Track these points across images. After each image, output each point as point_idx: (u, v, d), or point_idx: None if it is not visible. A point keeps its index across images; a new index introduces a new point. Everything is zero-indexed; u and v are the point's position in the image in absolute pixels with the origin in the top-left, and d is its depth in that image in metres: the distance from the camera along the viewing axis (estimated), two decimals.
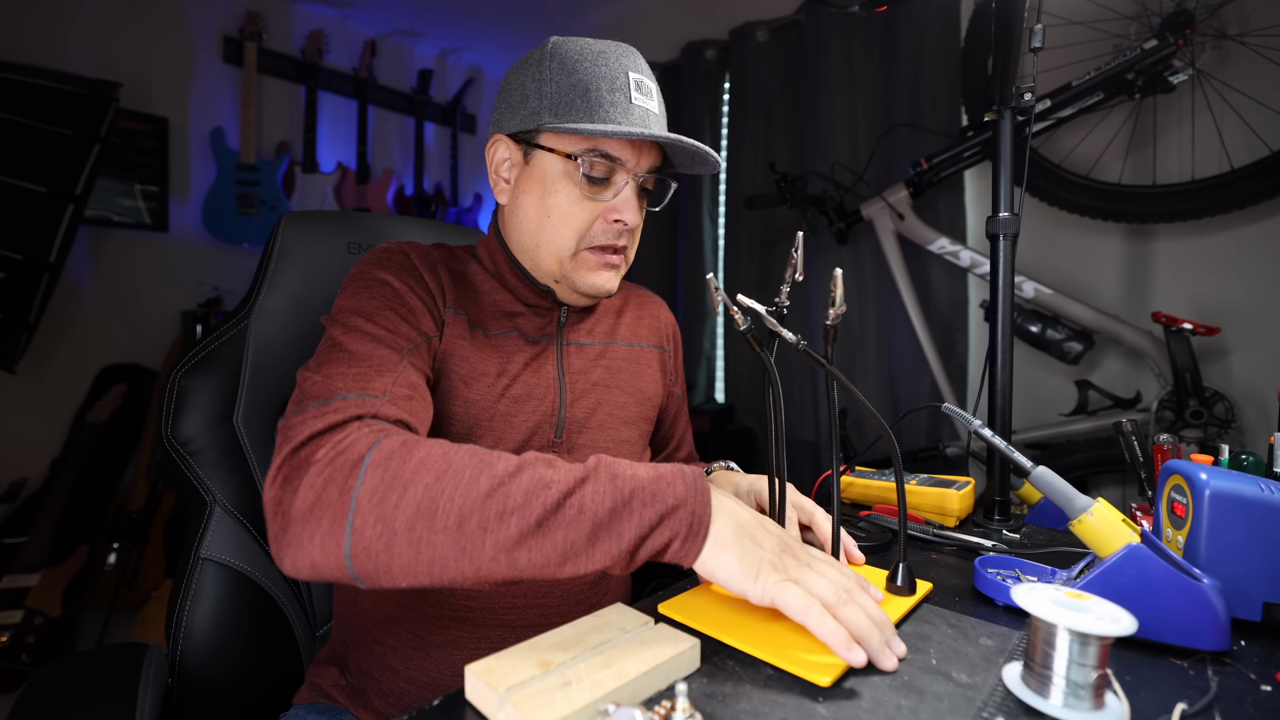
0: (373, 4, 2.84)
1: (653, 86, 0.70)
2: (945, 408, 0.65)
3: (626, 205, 0.68)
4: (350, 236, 0.90)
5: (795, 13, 2.25)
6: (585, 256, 0.70)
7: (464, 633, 0.67)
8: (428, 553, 0.43)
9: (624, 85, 0.66)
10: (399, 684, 0.68)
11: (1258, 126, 1.47)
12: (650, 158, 0.69)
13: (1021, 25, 0.82)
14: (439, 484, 0.44)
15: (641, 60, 0.70)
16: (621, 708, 0.36)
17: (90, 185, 1.95)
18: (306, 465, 0.47)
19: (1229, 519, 0.52)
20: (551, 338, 0.75)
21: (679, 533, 0.45)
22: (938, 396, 1.86)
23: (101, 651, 0.66)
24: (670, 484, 0.46)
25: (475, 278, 0.75)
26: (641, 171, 0.69)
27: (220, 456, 0.79)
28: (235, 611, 0.75)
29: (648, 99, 0.68)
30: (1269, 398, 1.49)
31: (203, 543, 0.75)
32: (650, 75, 0.70)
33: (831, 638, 0.43)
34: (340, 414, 0.50)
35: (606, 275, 0.71)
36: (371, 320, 0.61)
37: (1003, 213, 0.84)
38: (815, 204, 1.95)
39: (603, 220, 0.69)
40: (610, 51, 0.68)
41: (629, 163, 0.67)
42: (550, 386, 0.72)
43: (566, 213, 0.68)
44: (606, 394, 0.76)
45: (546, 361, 0.73)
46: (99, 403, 2.13)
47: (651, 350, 0.84)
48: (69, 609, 1.88)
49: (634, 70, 0.68)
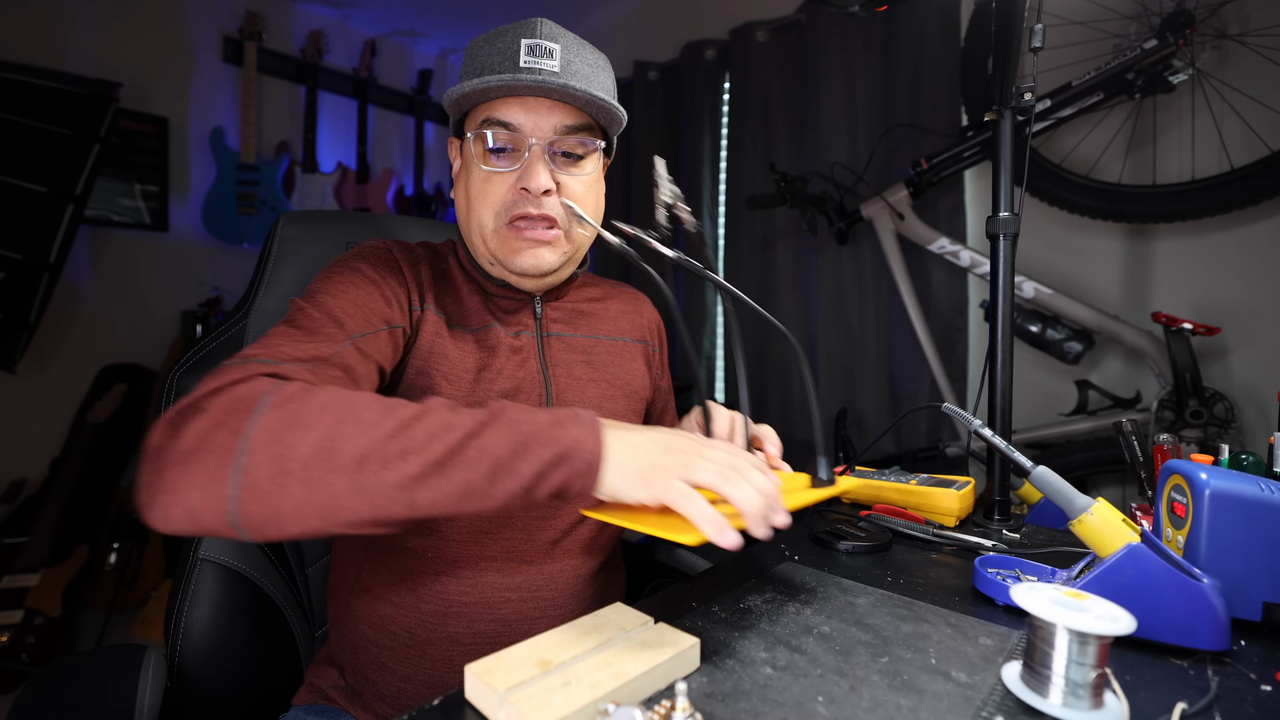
0: (373, 4, 2.84)
1: (554, 47, 0.67)
2: (945, 408, 0.65)
3: (527, 171, 0.66)
4: (348, 236, 0.90)
5: (795, 13, 2.25)
6: (506, 234, 0.68)
7: (459, 628, 0.67)
8: (323, 493, 0.42)
9: (514, 53, 0.66)
10: (396, 683, 0.67)
11: (1258, 126, 1.46)
12: (553, 116, 0.67)
13: (1021, 25, 0.82)
14: (341, 426, 0.43)
15: (549, 26, 0.68)
16: (621, 707, 0.36)
17: (90, 185, 1.95)
18: (197, 411, 0.44)
19: (1229, 519, 0.52)
20: (531, 331, 0.75)
21: (578, 470, 0.46)
22: (938, 396, 1.86)
23: (101, 653, 0.66)
24: (566, 427, 0.47)
25: (454, 274, 0.75)
26: (544, 134, 0.67)
27: None
28: (234, 612, 0.75)
29: (541, 59, 0.66)
30: (1269, 398, 1.49)
31: (201, 543, 0.75)
32: (557, 38, 0.68)
33: (704, 524, 0.43)
34: (246, 371, 0.48)
35: (540, 252, 0.69)
36: (332, 298, 0.61)
37: (1003, 213, 0.84)
38: (815, 204, 1.95)
39: (513, 191, 0.68)
40: (511, 30, 0.68)
41: (525, 125, 0.66)
42: (535, 381, 0.72)
43: (480, 189, 0.69)
44: (591, 387, 0.76)
45: (529, 355, 0.73)
46: (99, 403, 2.13)
47: (635, 344, 0.84)
48: (69, 609, 1.88)
49: (529, 37, 0.66)
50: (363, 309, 0.62)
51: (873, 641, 0.49)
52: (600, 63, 0.72)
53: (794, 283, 2.26)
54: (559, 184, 0.69)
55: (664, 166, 0.65)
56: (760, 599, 0.57)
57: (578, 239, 0.72)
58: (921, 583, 0.62)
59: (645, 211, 2.77)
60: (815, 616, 0.53)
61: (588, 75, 0.69)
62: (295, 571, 0.82)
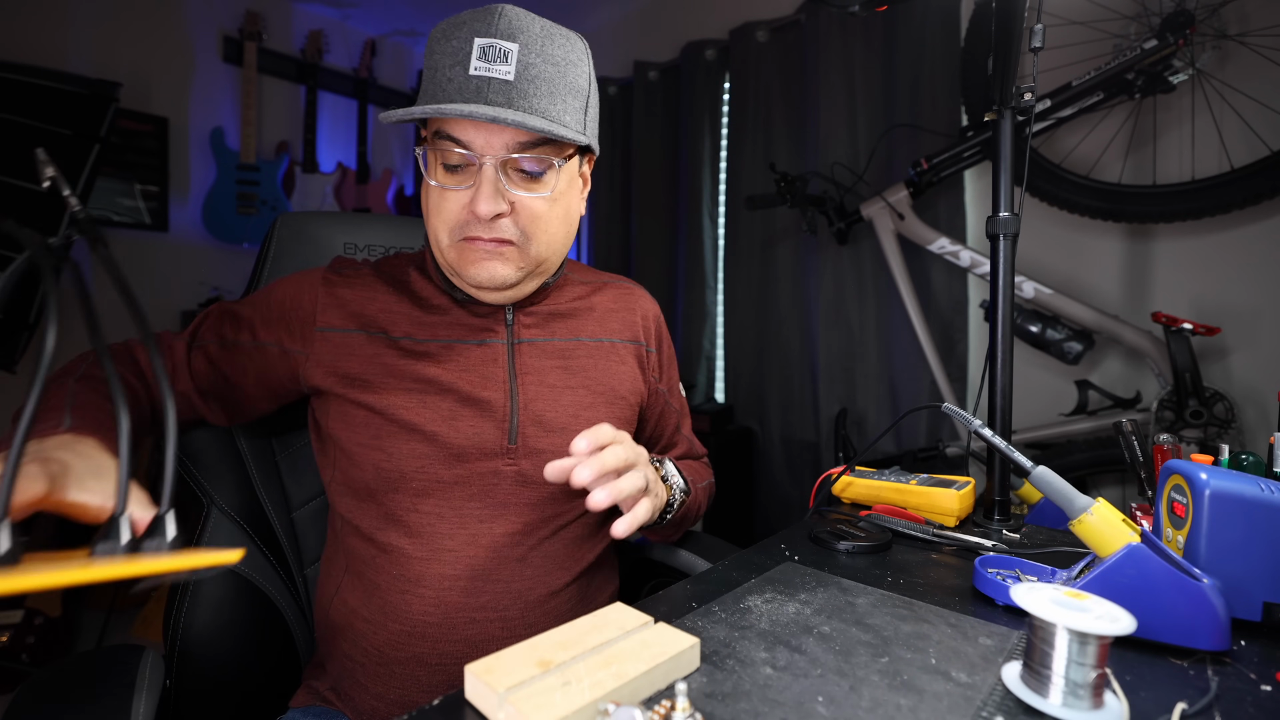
0: (373, 4, 2.84)
1: (510, 48, 0.60)
2: (945, 408, 0.65)
3: (477, 193, 0.62)
4: (345, 237, 0.90)
5: (795, 13, 2.25)
6: (462, 247, 0.65)
7: (424, 648, 0.65)
8: None
9: (464, 56, 0.60)
10: (369, 700, 0.67)
11: (1258, 126, 1.46)
12: (504, 135, 0.61)
13: (1021, 25, 0.82)
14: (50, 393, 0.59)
15: (509, 19, 0.61)
16: (621, 707, 0.36)
17: (90, 185, 1.95)
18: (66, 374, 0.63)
19: (1229, 519, 0.52)
20: (501, 338, 0.72)
21: None
22: (938, 396, 1.86)
23: (98, 653, 0.66)
24: None
25: (415, 286, 0.74)
26: (496, 152, 0.61)
27: (217, 459, 0.79)
28: (233, 613, 0.75)
29: (495, 64, 0.59)
30: (1269, 398, 1.49)
31: (200, 544, 0.75)
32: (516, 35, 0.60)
33: None
34: None
35: (492, 266, 0.65)
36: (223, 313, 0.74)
37: (1003, 213, 0.84)
38: (815, 204, 1.95)
39: (466, 210, 0.63)
40: (467, 21, 0.61)
41: (475, 144, 0.61)
42: (500, 390, 0.69)
43: (435, 204, 0.65)
44: (566, 394, 0.72)
45: (495, 364, 0.70)
46: None
47: (624, 345, 0.79)
48: (69, 609, 1.88)
49: (484, 35, 0.60)
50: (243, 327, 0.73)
51: (873, 641, 0.49)
52: (570, 58, 0.64)
53: (794, 283, 2.26)
54: (513, 204, 0.64)
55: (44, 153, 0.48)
56: (760, 599, 0.57)
57: (539, 254, 0.67)
58: (921, 583, 0.62)
59: (645, 211, 2.77)
60: (815, 616, 0.53)
61: (550, 79, 0.62)
62: (294, 572, 0.82)
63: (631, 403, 0.79)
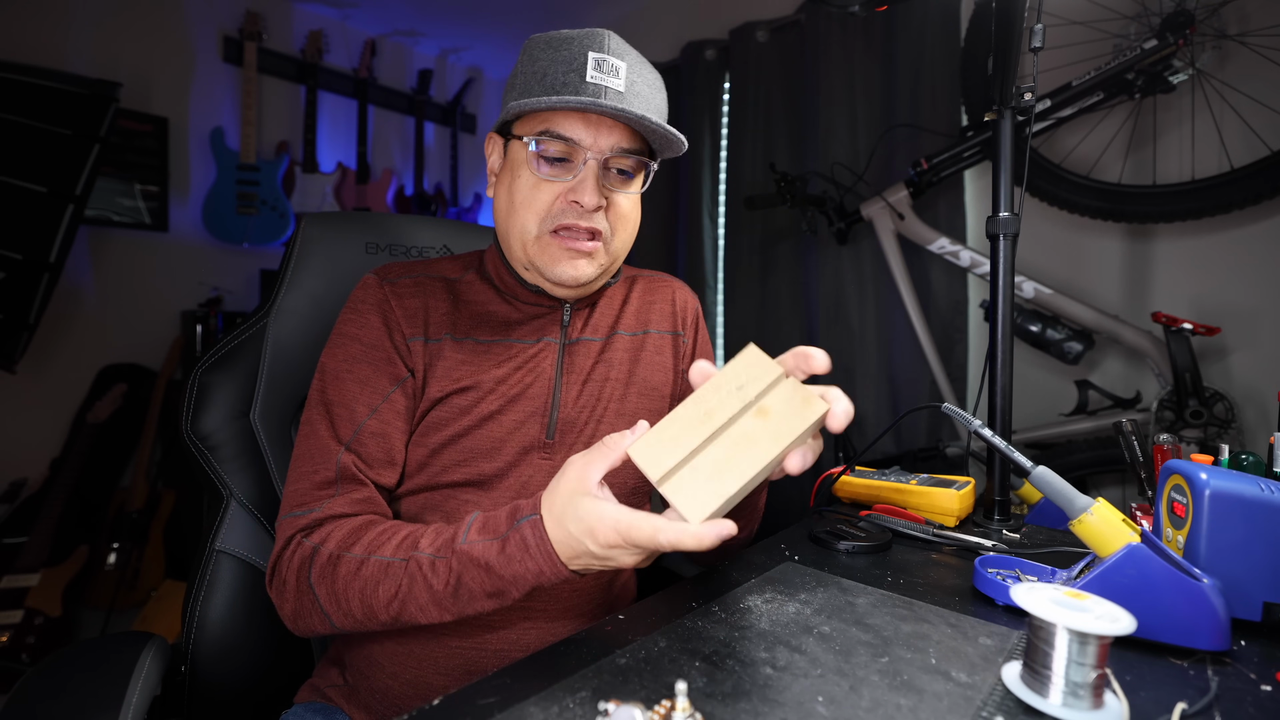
0: (373, 4, 2.84)
1: (620, 65, 0.67)
2: (945, 408, 0.65)
3: (582, 185, 0.67)
4: (368, 237, 0.93)
5: (795, 13, 2.25)
6: (549, 241, 0.69)
7: (444, 626, 0.66)
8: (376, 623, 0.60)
9: (580, 65, 0.65)
10: (384, 680, 0.68)
11: (1258, 126, 1.46)
12: (613, 137, 0.68)
13: (1021, 25, 0.82)
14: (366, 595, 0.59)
15: (616, 41, 0.68)
16: (622, 707, 0.36)
17: (90, 185, 1.95)
18: (281, 582, 0.63)
19: (1229, 519, 0.52)
20: (554, 338, 0.74)
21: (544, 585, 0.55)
22: (938, 396, 1.86)
23: (104, 640, 0.67)
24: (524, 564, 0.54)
25: (469, 288, 0.75)
26: (601, 151, 0.67)
27: (238, 452, 0.81)
28: (248, 604, 0.77)
29: (609, 76, 0.66)
30: (1269, 398, 1.49)
31: (218, 535, 0.77)
32: (623, 55, 0.68)
33: None
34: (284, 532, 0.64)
35: (578, 263, 0.69)
36: (339, 385, 0.68)
37: (1003, 213, 0.84)
38: (815, 204, 1.95)
39: (562, 200, 0.68)
40: (577, 37, 0.67)
41: (584, 141, 0.67)
42: (545, 387, 0.72)
43: (527, 196, 0.68)
44: (603, 388, 0.75)
45: (544, 361, 0.73)
46: (99, 403, 2.13)
47: (663, 336, 0.82)
48: (69, 609, 1.88)
49: (597, 51, 0.66)
50: (367, 385, 0.68)
51: (873, 641, 0.49)
52: (658, 84, 0.72)
53: (794, 283, 2.26)
54: (608, 200, 0.69)
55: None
56: (760, 599, 0.57)
57: (616, 252, 0.73)
58: (921, 583, 0.62)
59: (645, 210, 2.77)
60: (815, 616, 0.53)
61: (648, 97, 0.69)
62: None
63: (665, 394, 0.81)
